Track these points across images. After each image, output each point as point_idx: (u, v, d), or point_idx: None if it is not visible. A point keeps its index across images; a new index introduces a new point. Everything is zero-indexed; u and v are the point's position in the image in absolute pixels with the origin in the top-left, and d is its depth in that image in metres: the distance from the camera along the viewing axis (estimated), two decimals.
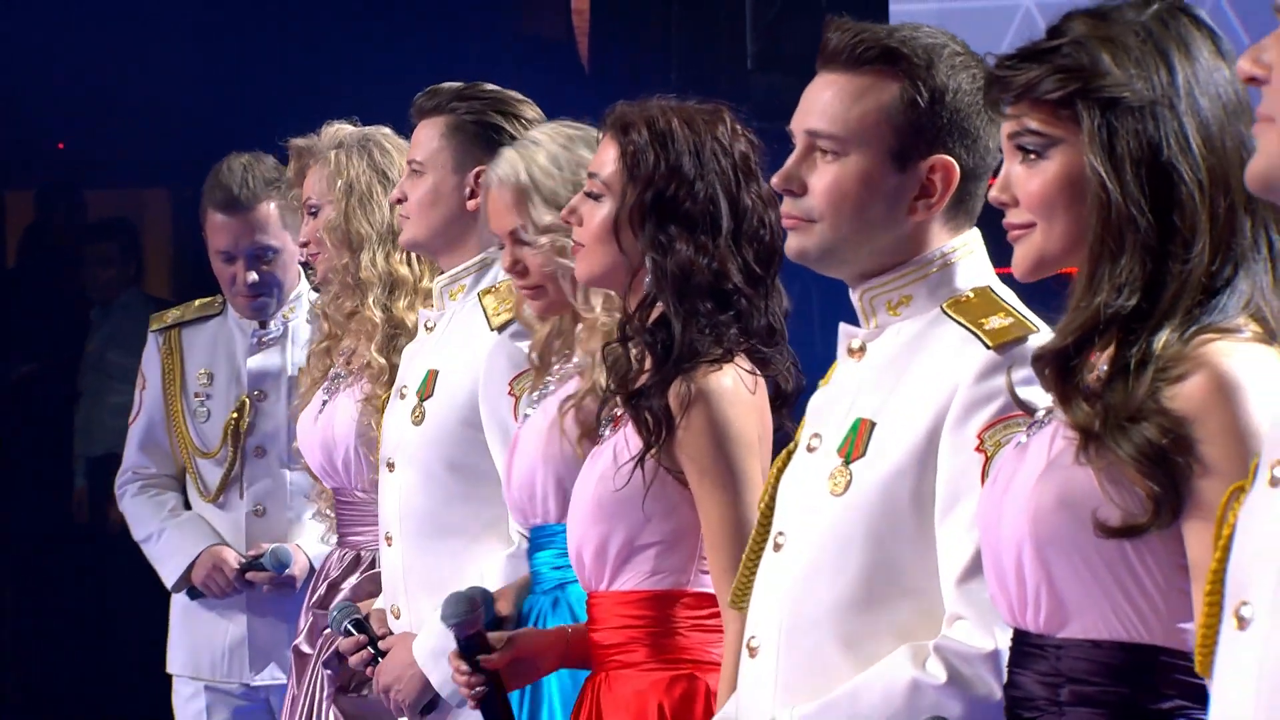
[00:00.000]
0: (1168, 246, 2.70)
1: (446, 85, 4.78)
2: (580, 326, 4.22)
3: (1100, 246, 2.73)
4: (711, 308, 3.69)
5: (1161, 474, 2.61)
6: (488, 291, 4.67)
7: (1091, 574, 2.70)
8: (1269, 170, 2.26)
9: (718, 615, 3.74)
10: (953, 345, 3.14)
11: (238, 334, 6.00)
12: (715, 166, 3.75)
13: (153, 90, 8.25)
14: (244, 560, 5.83)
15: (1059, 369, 2.74)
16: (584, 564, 3.83)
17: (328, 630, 4.97)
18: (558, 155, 4.28)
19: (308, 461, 5.31)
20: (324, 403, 5.22)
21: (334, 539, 5.38)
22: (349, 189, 5.12)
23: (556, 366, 4.34)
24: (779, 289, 3.75)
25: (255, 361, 5.97)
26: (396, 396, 4.78)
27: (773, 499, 3.29)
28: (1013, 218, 2.83)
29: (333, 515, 5.34)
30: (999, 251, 2.92)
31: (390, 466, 4.73)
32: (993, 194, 2.86)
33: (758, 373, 3.70)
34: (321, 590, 5.25)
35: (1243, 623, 2.26)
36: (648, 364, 3.75)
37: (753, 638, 3.24)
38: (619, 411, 3.81)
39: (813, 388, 3.36)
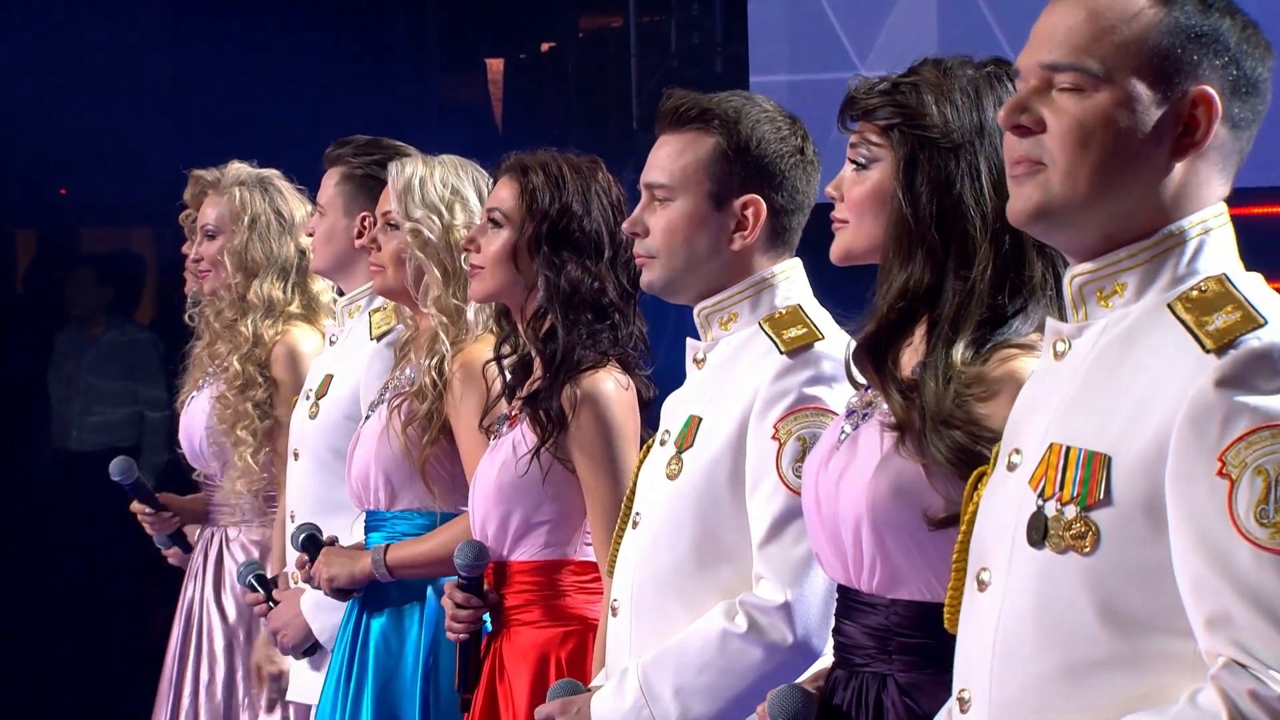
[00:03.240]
0: (949, 264, 2.71)
1: (353, 139, 4.76)
2: (416, 340, 4.26)
3: (892, 253, 2.75)
4: (591, 319, 3.73)
5: (972, 471, 2.60)
6: (376, 310, 4.64)
7: (919, 549, 2.71)
8: (1049, 202, 2.26)
9: (598, 579, 3.76)
10: (761, 352, 3.19)
11: None
12: (598, 205, 3.79)
13: (139, 144, 8.24)
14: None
15: (872, 361, 2.75)
16: (487, 536, 3.83)
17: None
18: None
19: (183, 448, 5.22)
20: (193, 398, 5.18)
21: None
22: (253, 222, 5.07)
23: (396, 373, 4.34)
24: (638, 311, 3.78)
25: None
26: (303, 399, 4.74)
27: (635, 485, 3.32)
28: (837, 212, 2.87)
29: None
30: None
31: (295, 455, 4.70)
32: (827, 189, 2.90)
33: (629, 379, 3.73)
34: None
35: (983, 586, 2.29)
36: (536, 370, 3.77)
37: (615, 600, 3.28)
38: (514, 412, 3.81)
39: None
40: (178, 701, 5.06)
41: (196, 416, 5.13)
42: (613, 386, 3.67)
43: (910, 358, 2.75)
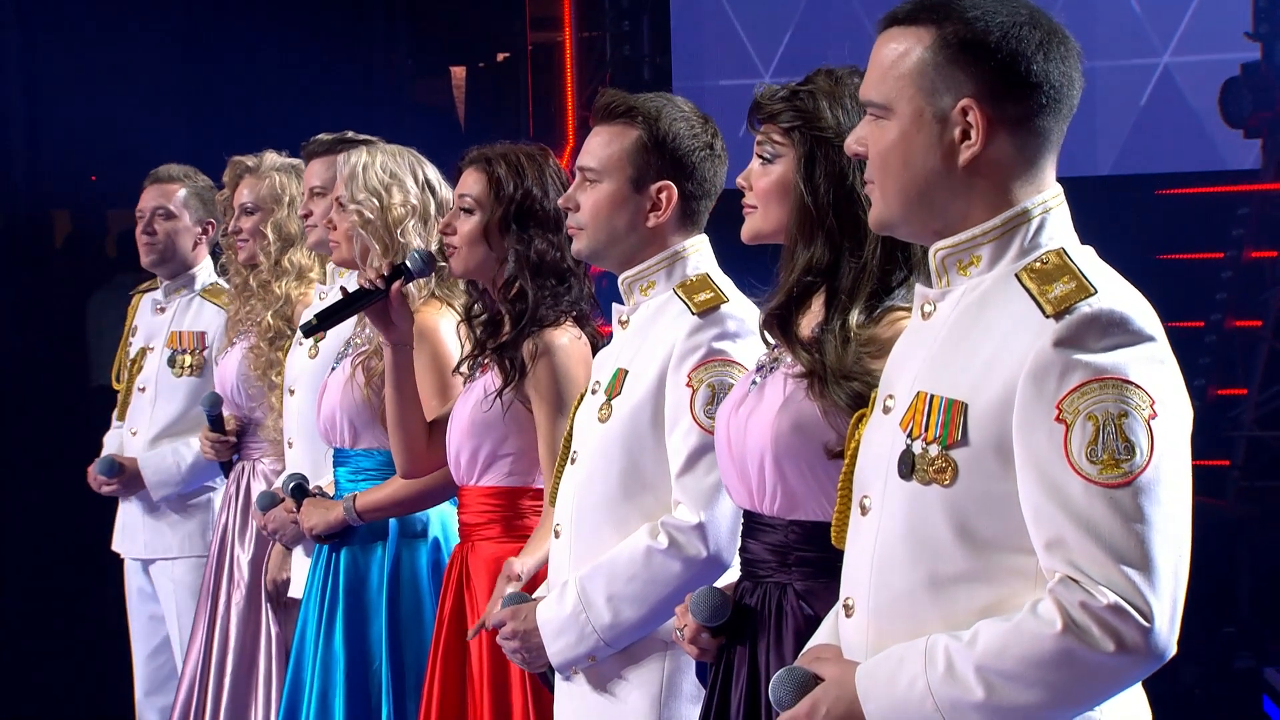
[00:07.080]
0: (845, 244, 2.71)
1: (327, 135, 4.68)
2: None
3: (796, 236, 2.75)
4: (554, 282, 3.69)
5: None
6: None
7: (813, 477, 2.72)
8: (880, 218, 2.30)
9: None
10: (676, 313, 3.19)
11: None
12: (553, 186, 3.75)
13: (157, 139, 8.20)
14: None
15: (779, 326, 2.75)
16: (460, 464, 3.81)
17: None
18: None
19: (221, 394, 5.17)
20: (227, 352, 5.13)
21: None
22: (291, 201, 5.02)
23: (358, 330, 4.33)
24: (589, 273, 3.75)
25: None
26: (297, 343, 4.71)
27: (572, 427, 3.31)
28: (746, 199, 2.86)
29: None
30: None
31: (291, 392, 4.65)
32: (738, 180, 2.88)
33: (582, 331, 3.69)
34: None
35: (864, 511, 2.31)
36: (506, 326, 3.73)
37: (558, 524, 3.28)
38: (485, 360, 3.78)
39: None
40: (214, 609, 5.03)
41: (230, 368, 5.09)
42: (567, 341, 3.65)
43: (809, 321, 2.75)
